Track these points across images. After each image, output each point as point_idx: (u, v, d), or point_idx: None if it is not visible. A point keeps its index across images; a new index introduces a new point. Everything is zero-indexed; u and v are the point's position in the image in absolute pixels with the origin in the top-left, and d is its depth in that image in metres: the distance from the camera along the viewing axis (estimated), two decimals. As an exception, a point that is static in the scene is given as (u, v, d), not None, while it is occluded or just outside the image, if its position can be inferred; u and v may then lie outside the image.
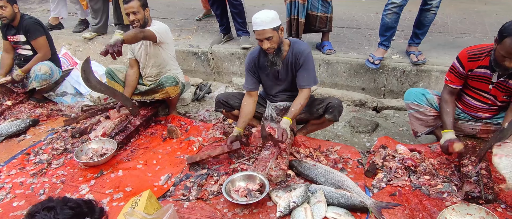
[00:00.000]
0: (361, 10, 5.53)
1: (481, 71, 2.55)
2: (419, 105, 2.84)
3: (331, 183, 2.50)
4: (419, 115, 2.87)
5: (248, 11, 4.41)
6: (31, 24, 3.96)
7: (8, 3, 3.81)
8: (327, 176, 2.54)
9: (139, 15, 3.28)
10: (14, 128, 3.56)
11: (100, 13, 5.08)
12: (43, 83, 3.98)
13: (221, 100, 3.06)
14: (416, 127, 2.95)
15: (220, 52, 4.52)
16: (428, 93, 2.84)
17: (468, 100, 2.74)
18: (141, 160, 3.08)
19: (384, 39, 3.74)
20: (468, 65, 2.57)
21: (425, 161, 2.75)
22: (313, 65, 2.86)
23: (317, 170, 2.60)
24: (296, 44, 2.83)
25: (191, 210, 2.45)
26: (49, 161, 3.11)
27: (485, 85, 2.59)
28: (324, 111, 2.89)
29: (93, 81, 3.14)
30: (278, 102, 3.04)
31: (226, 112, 3.11)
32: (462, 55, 2.59)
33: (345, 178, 2.50)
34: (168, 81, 3.45)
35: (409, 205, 2.38)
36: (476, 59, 2.53)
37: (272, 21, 2.61)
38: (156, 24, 3.44)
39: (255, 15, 2.64)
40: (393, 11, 3.55)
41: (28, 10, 6.82)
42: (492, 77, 2.52)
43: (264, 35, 2.62)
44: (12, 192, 2.75)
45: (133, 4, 3.23)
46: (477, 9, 5.26)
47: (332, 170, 2.59)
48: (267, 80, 3.00)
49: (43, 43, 4.01)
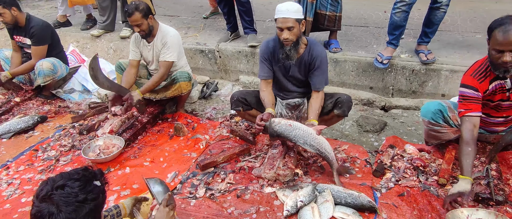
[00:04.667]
0: (369, 9, 5.49)
1: (492, 86, 2.37)
2: (436, 124, 2.68)
3: (310, 145, 2.47)
4: (434, 132, 2.72)
5: (255, 9, 4.39)
6: (38, 31, 3.93)
7: (5, 9, 3.78)
8: (306, 137, 2.49)
9: (143, 26, 3.29)
10: (23, 125, 3.59)
11: (108, 10, 5.10)
12: (46, 79, 3.99)
13: (239, 98, 2.96)
14: (429, 139, 2.84)
15: (227, 50, 4.51)
16: (445, 109, 2.65)
17: (484, 118, 2.56)
18: (148, 157, 3.08)
19: (393, 38, 3.69)
20: (481, 86, 2.37)
21: (435, 161, 2.72)
22: (327, 68, 2.86)
23: (294, 131, 2.50)
24: (313, 45, 2.80)
25: (198, 208, 2.45)
26: (57, 157, 3.13)
27: (503, 94, 2.41)
28: (333, 106, 2.85)
29: (100, 78, 3.16)
30: (289, 99, 3.01)
31: (243, 112, 3.02)
32: (469, 80, 2.39)
33: (323, 141, 2.50)
34: (182, 76, 3.45)
35: (417, 206, 2.36)
36: (484, 76, 2.37)
37: (296, 11, 2.59)
38: (166, 36, 3.40)
39: (280, 4, 2.62)
40: (402, 9, 3.50)
41: (37, 8, 6.87)
42: (506, 85, 2.35)
43: (286, 23, 2.58)
44: (20, 188, 2.77)
45: (135, 18, 3.23)
46: (488, 8, 5.19)
47: (310, 131, 2.52)
48: (278, 73, 2.93)
49: (41, 53, 3.99)
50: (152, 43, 3.47)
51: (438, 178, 2.51)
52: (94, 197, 1.50)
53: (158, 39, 3.43)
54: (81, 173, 1.54)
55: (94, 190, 1.52)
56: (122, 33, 5.04)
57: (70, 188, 1.45)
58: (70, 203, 1.43)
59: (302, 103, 2.98)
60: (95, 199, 1.51)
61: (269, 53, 2.87)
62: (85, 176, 1.53)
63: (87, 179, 1.53)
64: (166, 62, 3.39)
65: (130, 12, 3.22)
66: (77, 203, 1.44)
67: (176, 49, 3.44)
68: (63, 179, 1.49)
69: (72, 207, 1.42)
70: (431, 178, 2.57)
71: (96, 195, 1.52)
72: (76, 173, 1.53)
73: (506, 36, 2.11)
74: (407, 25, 3.71)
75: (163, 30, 3.44)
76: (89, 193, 1.49)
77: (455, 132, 2.67)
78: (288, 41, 2.63)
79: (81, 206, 1.45)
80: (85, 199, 1.47)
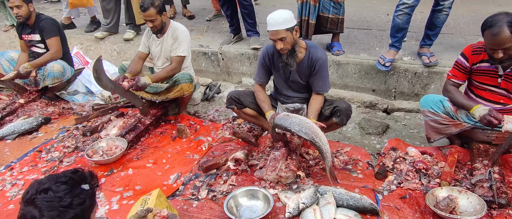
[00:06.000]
0: (372, 11, 5.49)
1: (484, 65, 2.58)
2: (435, 113, 2.74)
3: (305, 132, 2.46)
4: (434, 123, 2.77)
5: (258, 11, 4.41)
6: (48, 24, 4.02)
7: (23, 2, 3.88)
8: (301, 124, 2.49)
9: (156, 22, 3.37)
10: (27, 126, 3.61)
11: (112, 13, 5.13)
12: (55, 81, 4.04)
13: (233, 97, 3.05)
14: (430, 133, 2.87)
15: (230, 53, 4.53)
16: (445, 100, 2.74)
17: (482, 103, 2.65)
18: (150, 159, 3.10)
19: (395, 40, 3.69)
20: (471, 58, 2.62)
21: (437, 164, 2.72)
22: (327, 72, 2.86)
23: (290, 119, 2.54)
24: (313, 49, 2.79)
25: (200, 209, 2.46)
26: (60, 158, 3.15)
27: (494, 79, 2.57)
28: (332, 114, 2.85)
29: (104, 80, 3.18)
30: (289, 103, 3.02)
31: (237, 110, 3.09)
32: (467, 49, 2.65)
33: (319, 132, 2.49)
34: (184, 78, 3.47)
35: (420, 208, 2.35)
36: (479, 52, 2.58)
37: (285, 21, 2.57)
38: (177, 31, 3.48)
39: (270, 15, 2.62)
40: (404, 12, 3.51)
41: (42, 10, 6.91)
42: (498, 70, 2.53)
43: (277, 35, 2.60)
44: (24, 189, 2.78)
45: (149, 13, 3.30)
46: (491, 10, 5.14)
47: (307, 120, 2.53)
48: (278, 79, 2.98)
49: (56, 43, 4.06)
50: (162, 39, 3.53)
51: (441, 181, 2.50)
52: (80, 202, 1.44)
53: (168, 35, 3.50)
54: (68, 176, 1.47)
55: (81, 194, 1.45)
56: (126, 36, 5.07)
57: (54, 192, 1.39)
58: (53, 208, 1.37)
59: (301, 109, 2.98)
60: (82, 203, 1.44)
61: (268, 59, 2.90)
62: (73, 179, 1.47)
63: (74, 182, 1.46)
64: (178, 56, 3.46)
65: (146, 7, 3.27)
66: (61, 208, 1.38)
67: (187, 44, 3.52)
68: (48, 182, 1.43)
69: (55, 212, 1.37)
70: (433, 180, 2.56)
71: (82, 199, 1.45)
72: (64, 176, 1.47)
73: (494, 38, 2.31)
74: (410, 27, 3.71)
75: (173, 26, 3.52)
76: (75, 197, 1.43)
77: (457, 125, 2.69)
78: (283, 50, 2.67)
79: (65, 211, 1.39)
80: (70, 203, 1.40)
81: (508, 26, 2.27)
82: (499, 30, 2.28)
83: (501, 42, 2.30)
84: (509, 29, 2.26)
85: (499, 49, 2.33)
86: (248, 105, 3.04)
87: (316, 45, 2.85)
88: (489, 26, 2.34)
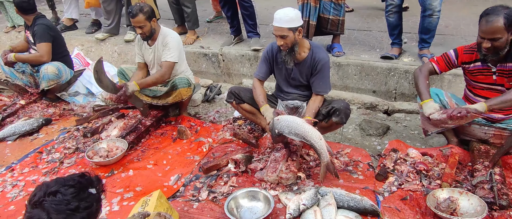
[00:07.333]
0: (372, 13, 5.49)
1: (478, 64, 2.61)
2: None
3: (294, 133, 2.46)
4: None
5: (259, 13, 4.41)
6: (40, 29, 4.02)
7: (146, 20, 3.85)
8: (290, 126, 2.50)
9: (145, 28, 3.32)
10: (27, 127, 3.62)
11: (113, 14, 5.14)
12: (50, 83, 4.04)
13: (233, 91, 3.11)
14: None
15: (230, 54, 4.53)
16: (442, 94, 2.79)
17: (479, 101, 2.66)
18: (151, 160, 3.10)
19: (395, 38, 3.90)
20: (462, 56, 2.67)
21: (438, 165, 2.72)
22: (329, 73, 2.89)
23: (280, 123, 2.55)
24: (317, 49, 2.84)
25: (200, 210, 2.46)
26: (61, 159, 3.15)
27: (489, 77, 2.61)
28: (329, 113, 2.85)
29: (105, 81, 3.18)
30: (289, 100, 3.04)
31: (235, 104, 3.14)
32: (460, 48, 2.71)
33: (310, 129, 2.47)
34: (181, 82, 3.47)
35: (420, 210, 2.35)
36: (471, 52, 2.63)
37: (290, 20, 2.62)
38: (167, 37, 3.42)
39: (278, 10, 2.67)
40: (393, 11, 3.74)
41: (43, 12, 6.89)
42: (491, 68, 2.56)
43: (279, 32, 2.66)
44: (25, 190, 2.79)
45: (138, 19, 3.26)
46: (491, 12, 5.18)
47: (296, 120, 2.52)
48: (279, 75, 3.04)
49: (44, 49, 4.05)
50: (154, 46, 3.50)
51: (441, 182, 2.50)
52: (87, 206, 1.44)
53: (159, 42, 3.46)
54: (76, 179, 1.48)
55: (88, 198, 1.46)
56: (127, 37, 5.08)
57: (63, 195, 1.40)
58: (61, 211, 1.37)
59: (301, 106, 2.99)
60: (88, 207, 1.45)
61: (272, 55, 2.96)
62: (81, 183, 1.47)
63: (82, 186, 1.47)
64: (167, 62, 3.39)
65: (134, 13, 3.24)
66: (68, 211, 1.39)
67: (177, 50, 3.45)
68: (56, 185, 1.43)
69: (63, 215, 1.37)
70: (434, 182, 2.56)
71: (89, 203, 1.46)
72: (72, 179, 1.47)
73: (487, 25, 2.35)
74: (410, 29, 3.75)
75: (164, 33, 3.47)
76: (82, 201, 1.43)
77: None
78: (283, 46, 2.73)
79: (72, 214, 1.39)
80: (78, 207, 1.41)
81: (504, 17, 2.31)
82: (495, 18, 2.33)
83: (492, 30, 2.34)
84: (504, 20, 2.30)
85: (488, 38, 2.37)
86: (247, 100, 3.09)
87: (320, 46, 2.89)
88: (487, 13, 2.39)
